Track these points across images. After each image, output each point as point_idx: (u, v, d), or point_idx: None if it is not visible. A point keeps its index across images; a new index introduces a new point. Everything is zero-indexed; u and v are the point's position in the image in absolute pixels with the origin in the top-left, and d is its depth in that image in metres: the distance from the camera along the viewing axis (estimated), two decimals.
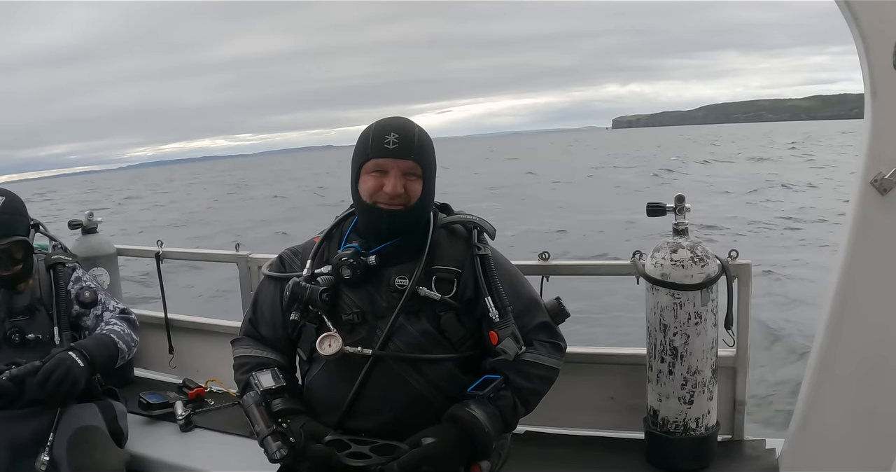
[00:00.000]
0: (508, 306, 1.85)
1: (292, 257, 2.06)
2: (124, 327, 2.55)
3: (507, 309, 1.84)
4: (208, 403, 3.08)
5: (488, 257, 1.90)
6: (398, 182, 1.81)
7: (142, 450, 2.65)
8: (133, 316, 2.66)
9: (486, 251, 1.91)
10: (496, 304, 1.83)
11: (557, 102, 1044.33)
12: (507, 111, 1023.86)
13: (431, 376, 1.83)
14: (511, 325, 1.82)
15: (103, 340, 2.44)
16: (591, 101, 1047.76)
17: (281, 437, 1.74)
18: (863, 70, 1.84)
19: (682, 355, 2.20)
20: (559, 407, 2.42)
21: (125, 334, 2.52)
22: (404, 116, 1.92)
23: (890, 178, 1.77)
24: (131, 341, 2.55)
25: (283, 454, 1.72)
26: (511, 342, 1.80)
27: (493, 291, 1.85)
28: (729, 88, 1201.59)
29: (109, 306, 2.61)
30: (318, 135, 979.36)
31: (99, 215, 3.47)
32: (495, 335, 1.82)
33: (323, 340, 1.81)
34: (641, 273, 2.27)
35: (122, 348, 2.48)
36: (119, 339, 2.47)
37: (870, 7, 1.71)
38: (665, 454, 2.31)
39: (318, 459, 1.74)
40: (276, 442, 1.73)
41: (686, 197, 2.25)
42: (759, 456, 2.36)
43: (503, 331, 1.81)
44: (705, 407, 2.25)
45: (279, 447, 1.72)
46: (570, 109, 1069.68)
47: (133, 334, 2.58)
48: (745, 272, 2.34)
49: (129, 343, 2.52)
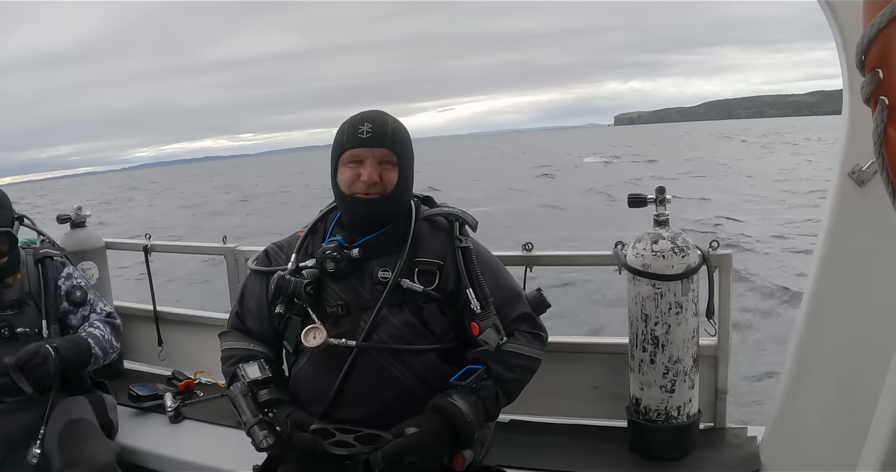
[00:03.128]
0: (490, 297, 1.88)
1: (277, 251, 2.08)
2: (106, 331, 2.56)
3: (489, 301, 1.88)
4: (197, 394, 3.09)
5: (470, 249, 1.93)
6: (374, 170, 1.84)
7: (132, 442, 2.67)
8: (118, 321, 2.67)
9: (467, 243, 1.94)
10: (477, 295, 1.87)
11: (559, 100, 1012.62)
12: (509, 109, 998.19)
13: (414, 367, 1.86)
14: (492, 316, 1.86)
15: (78, 342, 2.45)
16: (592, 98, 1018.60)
17: (267, 426, 1.76)
18: (841, 65, 1.86)
19: (663, 344, 2.23)
20: (543, 396, 2.45)
21: (104, 340, 2.52)
22: (379, 109, 1.96)
23: (867, 170, 1.80)
24: (109, 347, 2.55)
25: (269, 443, 1.74)
26: (492, 333, 1.83)
27: (475, 282, 1.88)
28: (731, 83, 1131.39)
29: (97, 308, 2.62)
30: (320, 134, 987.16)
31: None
32: (477, 327, 1.85)
33: (308, 332, 1.84)
34: (623, 264, 2.30)
35: (97, 354, 2.48)
36: (95, 344, 2.47)
37: (849, 5, 1.73)
38: (647, 442, 2.34)
39: (304, 447, 1.76)
40: (262, 431, 1.75)
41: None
42: (740, 444, 2.39)
43: (484, 322, 1.84)
44: (687, 396, 2.29)
45: (266, 436, 1.74)
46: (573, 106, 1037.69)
47: (113, 339, 2.59)
48: (726, 263, 2.37)
49: (105, 349, 2.52)
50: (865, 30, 0.80)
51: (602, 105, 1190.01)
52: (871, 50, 0.82)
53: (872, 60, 0.82)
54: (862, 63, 0.84)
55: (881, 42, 0.79)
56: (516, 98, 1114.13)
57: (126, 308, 3.48)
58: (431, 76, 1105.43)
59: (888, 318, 1.74)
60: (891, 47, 0.79)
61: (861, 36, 0.81)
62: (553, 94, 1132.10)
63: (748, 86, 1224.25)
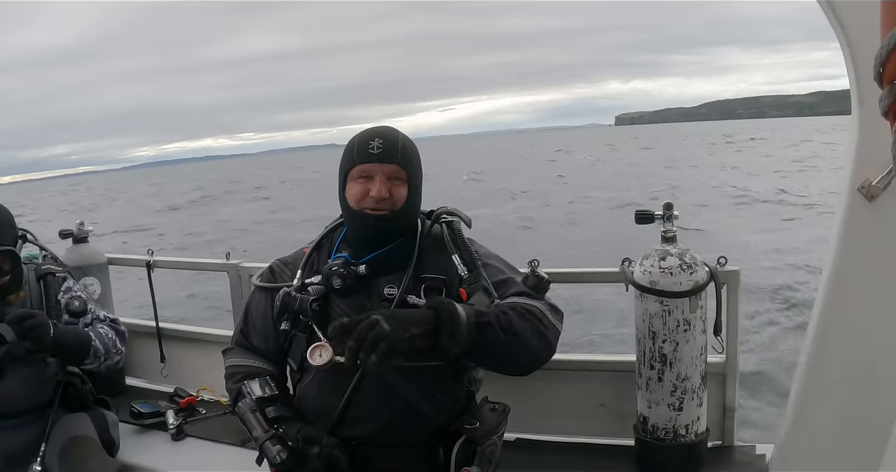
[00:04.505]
0: (478, 260, 1.83)
1: (282, 268, 2.06)
2: (110, 333, 2.53)
3: (477, 263, 1.82)
4: (200, 412, 3.08)
5: (454, 223, 1.90)
6: (383, 186, 1.82)
7: (133, 459, 2.65)
8: (122, 327, 2.64)
9: (451, 219, 1.91)
10: (464, 260, 1.82)
11: (560, 100, 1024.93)
12: (510, 109, 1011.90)
13: (421, 385, 1.83)
14: (481, 279, 1.80)
15: (79, 332, 2.42)
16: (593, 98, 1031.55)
17: (279, 441, 1.75)
18: (850, 78, 1.86)
19: (671, 362, 2.21)
20: (550, 414, 2.43)
21: (107, 338, 2.49)
22: (389, 125, 1.94)
23: (877, 185, 1.79)
24: (113, 347, 2.51)
25: (283, 458, 1.72)
26: (482, 297, 1.77)
27: (460, 247, 1.85)
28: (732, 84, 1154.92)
29: (99, 315, 2.59)
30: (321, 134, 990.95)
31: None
32: (465, 292, 1.79)
33: (313, 350, 1.81)
34: (630, 281, 2.29)
35: (98, 348, 2.42)
36: (97, 339, 2.43)
37: (856, 15, 1.72)
38: (655, 461, 2.32)
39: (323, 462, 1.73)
40: (275, 446, 1.73)
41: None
42: (749, 462, 2.37)
43: (472, 286, 1.79)
44: (695, 414, 2.26)
45: (279, 451, 1.73)
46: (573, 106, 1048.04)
47: (118, 341, 2.55)
48: (734, 279, 2.35)
49: (108, 347, 2.48)
50: (884, 41, 0.79)
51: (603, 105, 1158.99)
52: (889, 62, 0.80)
53: (891, 73, 0.81)
54: (880, 75, 0.83)
55: None
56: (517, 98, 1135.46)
57: (128, 324, 3.45)
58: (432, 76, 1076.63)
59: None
60: None
61: (880, 48, 0.80)
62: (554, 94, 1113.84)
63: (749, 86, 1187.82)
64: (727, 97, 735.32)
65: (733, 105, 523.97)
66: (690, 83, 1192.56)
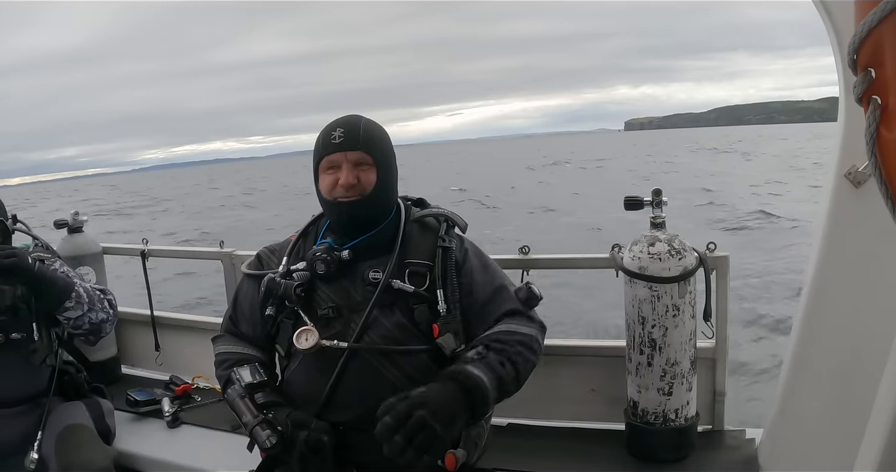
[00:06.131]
0: (458, 301, 1.88)
1: (270, 255, 2.08)
2: (97, 292, 2.52)
3: (456, 305, 1.88)
4: (195, 399, 3.09)
5: (451, 250, 1.93)
6: (350, 173, 1.86)
7: (129, 447, 2.66)
8: (111, 296, 2.63)
9: (450, 244, 1.94)
10: (447, 298, 1.87)
11: (569, 104, 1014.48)
12: (518, 113, 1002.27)
13: (406, 368, 1.85)
14: (455, 321, 1.86)
15: (62, 275, 2.42)
16: (602, 103, 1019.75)
17: (269, 426, 1.76)
18: (836, 66, 1.86)
19: (660, 347, 2.22)
20: (541, 399, 2.45)
21: (92, 293, 2.47)
22: (354, 113, 1.97)
23: (863, 171, 1.80)
24: (99, 302, 2.48)
25: (273, 442, 1.74)
26: (450, 338, 1.84)
27: (447, 284, 1.88)
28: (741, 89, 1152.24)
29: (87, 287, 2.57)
30: None
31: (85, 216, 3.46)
32: (437, 329, 1.85)
33: (299, 334, 1.83)
34: (620, 266, 2.30)
35: (81, 294, 2.40)
36: (81, 288, 2.43)
37: (846, 7, 1.73)
38: (645, 445, 2.34)
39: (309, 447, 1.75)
40: (265, 431, 1.75)
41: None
42: (738, 446, 2.39)
43: (446, 326, 1.85)
44: (684, 398, 2.28)
45: (269, 435, 1.74)
46: (582, 111, 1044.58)
47: (107, 304, 2.53)
48: (724, 265, 2.36)
49: (93, 299, 2.46)
50: (857, 29, 0.80)
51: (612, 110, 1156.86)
52: (863, 49, 0.81)
53: (864, 59, 0.82)
54: (854, 62, 0.84)
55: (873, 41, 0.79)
56: (525, 102, 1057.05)
57: (123, 313, 3.47)
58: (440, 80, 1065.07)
59: (885, 319, 1.73)
60: (883, 46, 0.78)
61: (853, 35, 0.81)
62: (563, 98, 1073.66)
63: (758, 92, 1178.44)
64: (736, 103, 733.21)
65: (742, 111, 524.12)
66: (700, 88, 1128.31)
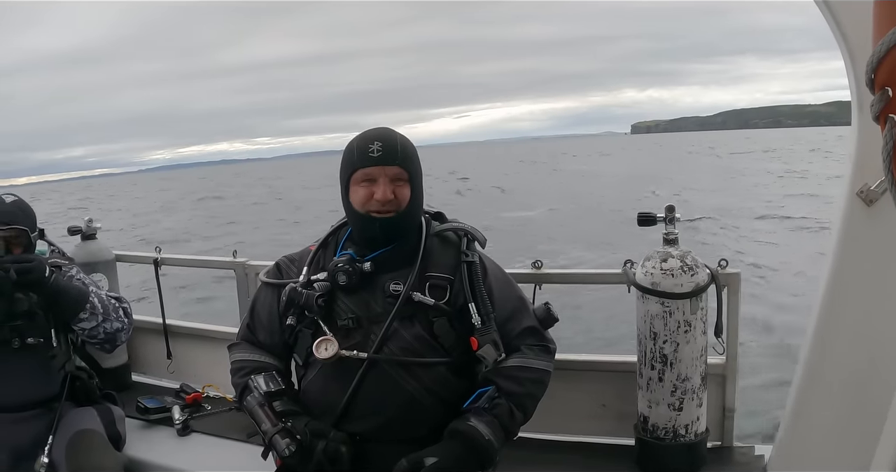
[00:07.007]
0: (492, 312, 1.90)
1: (289, 265, 2.09)
2: (112, 300, 2.56)
3: (491, 316, 1.89)
4: (205, 408, 3.10)
5: (475, 264, 1.95)
6: (387, 188, 1.85)
7: (139, 454, 2.67)
8: (126, 304, 2.66)
9: (473, 258, 1.96)
10: (479, 310, 1.88)
11: (576, 108, 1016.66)
12: (525, 116, 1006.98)
13: (424, 380, 1.86)
14: (492, 332, 1.87)
15: (77, 285, 2.46)
16: (609, 106, 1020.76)
17: (288, 435, 1.78)
18: (850, 84, 1.88)
19: (671, 362, 2.23)
20: (551, 414, 2.44)
21: (108, 301, 2.51)
22: (386, 127, 1.97)
23: (876, 189, 1.81)
24: (114, 311, 2.52)
25: (292, 451, 1.75)
26: (490, 349, 1.85)
27: (477, 297, 1.90)
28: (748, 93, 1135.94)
29: (102, 295, 2.59)
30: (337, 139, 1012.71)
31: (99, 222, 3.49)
32: (476, 342, 1.87)
33: (319, 344, 1.84)
34: (632, 282, 2.31)
35: (96, 305, 2.44)
36: (97, 297, 2.46)
37: (856, 22, 1.74)
38: (655, 460, 2.34)
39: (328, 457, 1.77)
40: (284, 439, 1.77)
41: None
42: (748, 463, 2.39)
43: (483, 338, 1.86)
44: (695, 414, 2.29)
45: (288, 444, 1.76)
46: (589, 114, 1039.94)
47: (121, 312, 2.57)
48: (735, 281, 2.37)
49: (108, 309, 2.49)
50: (876, 48, 0.81)
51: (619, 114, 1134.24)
52: (881, 68, 0.83)
53: (882, 78, 0.83)
54: (872, 81, 0.85)
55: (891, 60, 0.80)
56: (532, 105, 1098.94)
57: (135, 321, 3.49)
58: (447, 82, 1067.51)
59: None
60: None
61: (871, 54, 0.82)
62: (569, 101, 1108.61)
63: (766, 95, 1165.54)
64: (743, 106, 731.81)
65: (750, 114, 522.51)
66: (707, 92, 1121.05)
